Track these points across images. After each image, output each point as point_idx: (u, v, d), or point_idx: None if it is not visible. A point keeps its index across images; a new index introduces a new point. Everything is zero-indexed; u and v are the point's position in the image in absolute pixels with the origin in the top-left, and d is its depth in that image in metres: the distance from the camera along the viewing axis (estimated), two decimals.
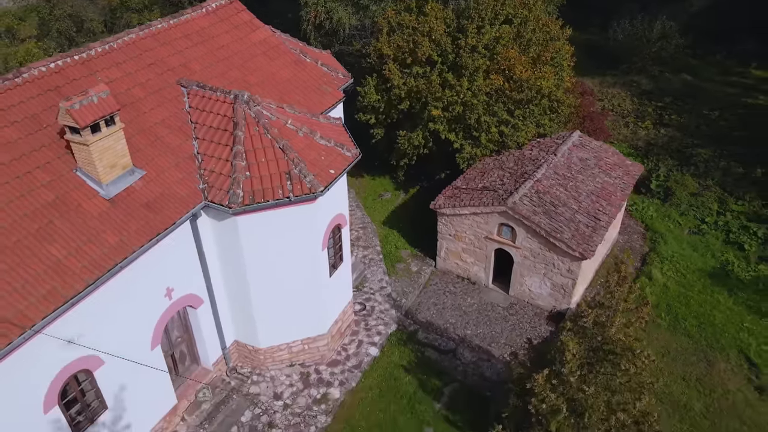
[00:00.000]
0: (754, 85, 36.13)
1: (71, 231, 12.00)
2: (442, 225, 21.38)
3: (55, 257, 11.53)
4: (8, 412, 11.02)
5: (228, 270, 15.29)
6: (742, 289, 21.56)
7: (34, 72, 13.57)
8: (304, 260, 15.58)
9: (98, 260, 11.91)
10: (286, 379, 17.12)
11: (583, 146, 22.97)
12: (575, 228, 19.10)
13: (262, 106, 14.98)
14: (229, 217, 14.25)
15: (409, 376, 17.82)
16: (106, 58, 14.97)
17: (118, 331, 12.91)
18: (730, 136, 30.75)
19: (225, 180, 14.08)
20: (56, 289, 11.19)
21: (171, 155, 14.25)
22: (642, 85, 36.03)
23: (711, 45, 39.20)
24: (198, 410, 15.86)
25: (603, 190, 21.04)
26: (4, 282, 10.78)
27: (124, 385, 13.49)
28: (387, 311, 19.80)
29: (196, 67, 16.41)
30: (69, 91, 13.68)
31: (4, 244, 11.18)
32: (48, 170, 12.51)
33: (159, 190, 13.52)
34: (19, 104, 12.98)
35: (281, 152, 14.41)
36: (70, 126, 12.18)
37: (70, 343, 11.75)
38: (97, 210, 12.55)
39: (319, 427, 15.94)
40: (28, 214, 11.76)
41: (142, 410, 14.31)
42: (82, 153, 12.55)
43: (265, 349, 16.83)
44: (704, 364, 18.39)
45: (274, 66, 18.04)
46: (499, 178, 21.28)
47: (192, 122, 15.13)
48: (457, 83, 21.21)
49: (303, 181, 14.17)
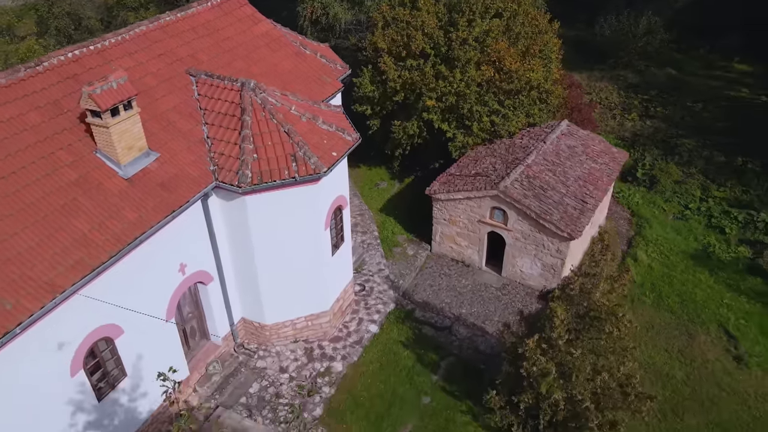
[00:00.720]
0: (736, 79, 37.39)
1: (94, 207, 12.87)
2: (437, 210, 22.35)
3: (80, 231, 12.40)
4: (40, 375, 11.87)
5: (236, 248, 16.17)
6: (723, 269, 22.67)
7: (54, 61, 14.42)
8: (307, 239, 16.49)
9: (120, 234, 12.79)
10: (291, 354, 18.02)
11: (571, 134, 24.01)
12: (563, 210, 20.11)
13: (267, 93, 15.90)
14: (238, 197, 15.14)
15: (407, 351, 18.76)
16: (120, 48, 15.84)
17: (137, 303, 13.78)
18: (713, 127, 31.95)
19: (234, 162, 14.98)
20: (83, 260, 12.06)
21: (183, 139, 15.14)
22: (628, 79, 37.19)
23: (695, 40, 40.41)
24: (209, 382, 16.75)
25: (590, 176, 22.07)
26: (36, 252, 11.64)
27: (142, 355, 14.36)
28: (385, 291, 20.75)
29: (203, 58, 17.29)
30: (87, 79, 14.54)
31: (35, 217, 12.04)
32: (70, 151, 13.37)
33: (173, 171, 14.40)
34: (42, 90, 13.83)
35: (286, 136, 15.32)
36: (92, 110, 13.04)
37: (94, 311, 12.61)
38: (116, 188, 13.42)
39: (324, 398, 16.85)
40: (53, 191, 12.62)
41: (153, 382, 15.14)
42: (102, 135, 13.42)
43: (270, 325, 17.72)
44: (686, 337, 19.45)
45: (276, 57, 18.95)
46: (491, 164, 22.26)
47: (201, 108, 16.01)
48: (450, 74, 22.19)
49: (308, 162, 15.08)
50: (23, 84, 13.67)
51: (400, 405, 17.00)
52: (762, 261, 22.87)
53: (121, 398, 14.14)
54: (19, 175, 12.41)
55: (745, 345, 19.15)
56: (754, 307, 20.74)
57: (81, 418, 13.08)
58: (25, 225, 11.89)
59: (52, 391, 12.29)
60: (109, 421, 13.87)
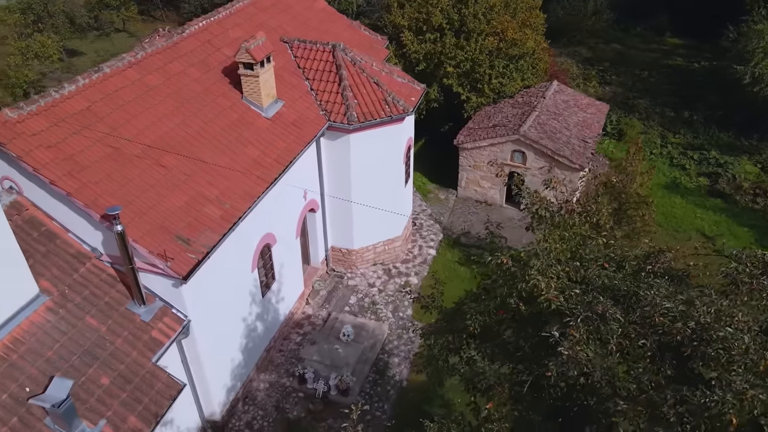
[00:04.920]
0: (670, 50, 43.75)
1: (255, 139, 16.14)
2: (462, 158, 26.45)
3: (252, 156, 15.67)
4: (235, 272, 15.03)
5: (336, 180, 19.56)
6: (690, 194, 28.03)
7: (192, 29, 17.50)
8: (390, 170, 20.18)
9: (278, 158, 16.12)
10: (374, 274, 21.62)
11: (561, 92, 28.75)
12: (572, 148, 24.69)
13: (354, 53, 19.49)
14: (343, 136, 18.64)
15: (463, 267, 22.74)
16: (230, 20, 19.02)
17: (282, 219, 17.08)
18: (660, 89, 37.77)
19: (339, 107, 18.47)
20: (263, 175, 15.34)
21: (295, 90, 18.51)
22: (583, 54, 42.70)
23: (630, 20, 46.60)
24: (317, 296, 20.10)
25: (584, 122, 26.83)
26: (231, 171, 14.84)
27: (283, 264, 17.64)
28: (432, 225, 24.67)
29: (287, 29, 20.63)
30: (218, 43, 17.72)
31: (221, 146, 15.24)
32: (226, 98, 16.56)
33: (297, 114, 17.77)
34: (191, 52, 16.92)
35: (376, 86, 18.97)
36: (245, 62, 16.28)
37: (263, 220, 15.88)
38: (264, 126, 16.71)
39: (410, 302, 20.57)
40: (226, 127, 15.82)
41: (290, 288, 18.48)
42: (250, 84, 16.66)
43: (357, 250, 21.24)
44: (673, 240, 24.46)
45: (336, 28, 22.51)
46: (504, 118, 26.59)
47: (300, 67, 19.39)
48: (466, 44, 26.35)
49: (397, 105, 18.79)
50: (177, 47, 16.72)
51: None
52: (719, 186, 28.38)
53: (272, 298, 17.39)
54: (201, 114, 15.55)
55: (719, 243, 24.33)
56: (721, 218, 26.10)
57: (253, 308, 16.28)
58: (216, 151, 15.07)
59: (240, 282, 15.47)
60: (266, 315, 17.09)
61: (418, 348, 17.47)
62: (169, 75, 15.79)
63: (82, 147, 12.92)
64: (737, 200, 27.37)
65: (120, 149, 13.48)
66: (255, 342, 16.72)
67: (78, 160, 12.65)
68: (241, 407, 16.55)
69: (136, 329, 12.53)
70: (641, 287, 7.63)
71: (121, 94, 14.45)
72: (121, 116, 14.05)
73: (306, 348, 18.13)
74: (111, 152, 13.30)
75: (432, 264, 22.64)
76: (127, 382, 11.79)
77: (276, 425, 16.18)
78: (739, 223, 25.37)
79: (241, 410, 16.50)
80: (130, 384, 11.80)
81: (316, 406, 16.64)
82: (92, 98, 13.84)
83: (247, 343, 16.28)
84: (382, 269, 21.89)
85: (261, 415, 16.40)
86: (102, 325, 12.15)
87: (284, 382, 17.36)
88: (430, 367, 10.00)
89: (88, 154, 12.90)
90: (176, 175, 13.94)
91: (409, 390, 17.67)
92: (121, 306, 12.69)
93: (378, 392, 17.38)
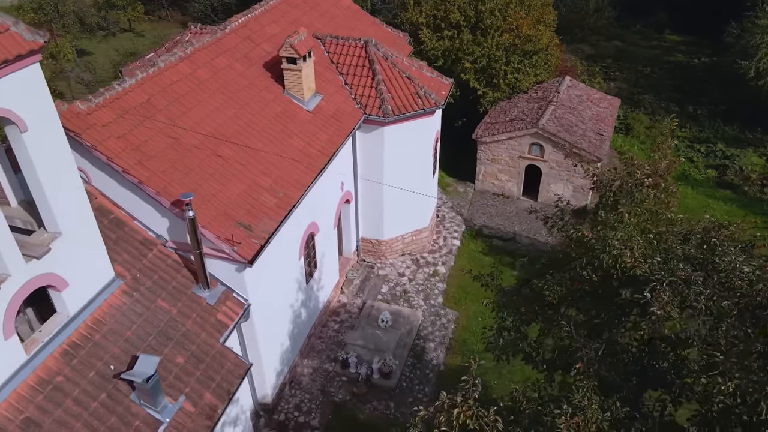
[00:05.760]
0: (670, 47, 44.74)
1: (299, 131, 16.68)
2: (481, 152, 27.11)
3: (298, 146, 16.21)
4: (285, 259, 15.56)
5: (369, 172, 20.12)
6: (700, 185, 28.89)
7: (232, 25, 18.00)
8: (420, 162, 20.78)
9: (322, 148, 16.67)
10: (403, 264, 22.21)
11: (574, 87, 29.50)
12: (588, 140, 25.43)
13: (385, 48, 20.08)
14: (377, 129, 19.21)
15: (487, 256, 23.40)
16: (266, 17, 19.55)
17: (323, 209, 17.63)
18: (663, 84, 38.70)
19: (374, 101, 19.04)
20: (308, 167, 15.88)
21: (331, 85, 19.06)
22: (585, 51, 43.55)
23: (630, 17, 47.55)
24: (351, 285, 20.66)
25: (598, 116, 27.59)
26: (281, 160, 15.37)
27: (324, 253, 18.19)
28: (454, 217, 25.30)
29: (318, 25, 21.17)
30: (258, 39, 18.24)
31: (270, 137, 15.77)
32: (270, 91, 17.08)
33: (335, 107, 18.33)
34: (234, 47, 17.43)
35: (408, 80, 19.57)
36: (288, 57, 16.81)
37: (309, 210, 16.41)
38: (306, 118, 17.25)
39: (440, 290, 21.18)
40: (271, 119, 16.35)
41: (328, 277, 19.03)
42: (292, 78, 17.20)
43: (386, 240, 21.82)
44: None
45: (362, 25, 23.08)
46: (520, 112, 27.29)
47: (333, 62, 19.95)
48: (483, 40, 27.01)
49: (429, 98, 19.40)
50: (220, 42, 17.23)
51: None
52: (727, 177, 29.27)
53: (314, 286, 17.93)
54: (248, 107, 16.07)
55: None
56: (732, 207, 26.95)
57: (298, 295, 16.82)
58: (265, 142, 15.60)
59: (289, 269, 16.01)
60: (308, 303, 17.62)
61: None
62: (216, 69, 16.29)
63: (146, 137, 13.41)
64: (746, 191, 28.28)
65: (179, 140, 13.98)
66: (299, 328, 17.25)
67: (144, 150, 13.14)
68: (288, 391, 17.08)
69: (203, 312, 13.04)
70: (716, 255, 8.29)
71: (176, 88, 14.94)
72: (177, 108, 14.54)
73: (349, 333, 18.69)
74: (172, 143, 13.80)
75: (457, 254, 23.27)
76: (199, 362, 12.30)
77: (323, 408, 16.72)
78: (752, 212, 26.20)
79: (288, 394, 17.03)
80: (202, 363, 12.32)
81: (360, 389, 17.20)
82: (150, 91, 14.32)
83: (293, 329, 16.81)
84: (410, 259, 22.48)
85: (308, 399, 16.94)
86: (173, 308, 12.65)
87: (327, 367, 17.90)
88: (501, 338, 10.54)
89: (152, 145, 13.39)
90: (233, 164, 14.46)
91: (447, 374, 18.27)
92: (188, 290, 13.19)
93: (417, 375, 17.97)
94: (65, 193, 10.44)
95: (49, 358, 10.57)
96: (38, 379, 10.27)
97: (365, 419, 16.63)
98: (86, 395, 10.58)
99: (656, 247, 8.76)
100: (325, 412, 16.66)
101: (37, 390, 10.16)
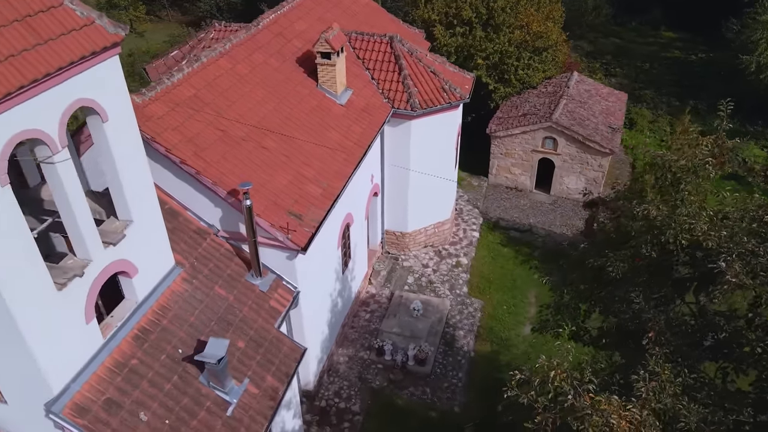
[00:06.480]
0: (667, 43, 45.64)
1: (335, 124, 17.08)
2: (494, 146, 27.64)
3: (336, 139, 16.61)
4: (327, 248, 15.94)
5: (395, 165, 20.55)
6: None
7: (264, 21, 18.37)
8: (443, 155, 21.25)
9: (358, 141, 17.09)
10: (426, 256, 22.67)
11: (582, 82, 30.14)
12: (601, 134, 26.05)
13: (409, 44, 20.52)
14: (404, 122, 19.65)
15: (506, 248, 23.93)
16: (293, 14, 19.93)
17: (357, 201, 18.04)
18: (663, 80, 39.51)
19: (401, 95, 19.47)
20: (347, 159, 16.29)
21: (359, 80, 19.47)
22: (585, 48, 44.23)
23: (626, 15, 48.42)
24: (378, 276, 21.08)
25: (608, 110, 28.24)
26: (320, 151, 15.77)
27: (356, 244, 18.60)
28: (471, 210, 25.82)
29: (342, 22, 21.54)
30: (288, 35, 18.61)
31: (308, 129, 16.17)
32: (304, 86, 17.47)
33: (365, 102, 18.74)
34: (267, 43, 17.79)
35: (433, 75, 20.03)
36: (323, 52, 17.20)
37: (347, 201, 16.81)
38: (340, 112, 17.65)
39: (464, 280, 21.67)
40: (308, 112, 16.74)
41: (359, 268, 19.44)
42: (326, 73, 17.59)
43: (410, 233, 22.25)
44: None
45: (382, 21, 23.53)
46: (532, 107, 27.85)
47: (359, 58, 20.36)
48: (495, 37, 27.56)
49: (454, 92, 19.87)
50: (255, 38, 17.59)
51: (520, 280, 22.15)
52: (731, 169, 30.05)
53: (348, 276, 18.34)
54: (287, 101, 16.46)
55: None
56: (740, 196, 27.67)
57: (336, 285, 17.23)
58: (305, 134, 15.99)
59: (329, 258, 16.41)
60: (343, 292, 18.02)
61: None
62: (254, 65, 16.65)
63: (197, 130, 13.75)
64: (750, 182, 29.06)
65: (227, 132, 14.33)
66: (336, 317, 17.65)
67: (197, 142, 13.48)
68: (326, 379, 17.47)
69: (257, 299, 13.40)
70: None
71: (220, 82, 15.28)
72: (223, 102, 14.88)
73: (385, 321, 19.12)
74: (221, 135, 14.15)
75: (477, 245, 23.77)
76: (258, 346, 12.66)
77: (362, 394, 17.13)
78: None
79: (327, 381, 17.42)
80: (261, 347, 12.68)
81: (396, 376, 17.63)
82: (197, 86, 14.66)
83: (331, 318, 17.21)
84: (432, 251, 22.95)
85: (347, 386, 17.34)
86: (229, 295, 13.00)
87: (362, 355, 18.31)
88: (562, 313, 11.02)
89: (204, 137, 13.74)
90: (278, 156, 14.83)
91: (479, 360, 18.75)
92: (241, 278, 13.55)
93: (450, 362, 18.43)
94: (137, 182, 10.77)
95: (123, 342, 10.89)
96: (115, 362, 10.59)
97: (403, 404, 17.06)
98: (160, 377, 10.92)
99: (718, 222, 9.29)
100: (364, 398, 17.06)
101: (115, 372, 10.48)
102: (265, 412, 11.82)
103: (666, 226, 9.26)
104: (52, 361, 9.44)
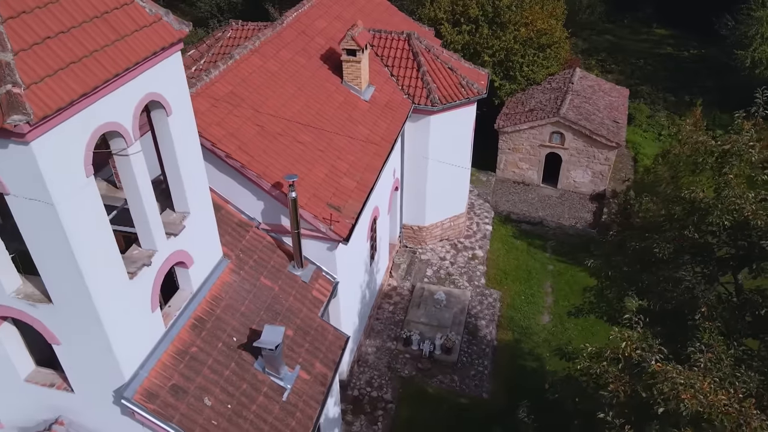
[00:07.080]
0: (659, 40, 46.54)
1: (362, 119, 17.45)
2: (502, 142, 28.15)
3: (364, 133, 16.98)
4: (359, 240, 16.29)
5: (414, 161, 20.96)
6: None
7: (288, 20, 18.69)
8: (460, 149, 21.69)
9: (384, 135, 17.47)
10: (442, 249, 23.11)
11: (585, 78, 30.78)
12: (607, 127, 26.67)
13: (426, 41, 20.95)
14: (424, 118, 20.06)
15: (519, 240, 24.44)
16: (313, 13, 20.25)
17: (382, 194, 18.43)
18: (658, 76, 40.34)
19: (421, 91, 19.89)
20: (376, 153, 16.67)
21: (379, 76, 19.86)
22: (580, 45, 44.91)
23: (617, 12, 49.31)
24: (399, 270, 21.48)
25: (611, 105, 28.90)
26: (352, 145, 16.14)
27: (381, 237, 18.97)
28: (483, 204, 26.31)
29: (359, 20, 21.90)
30: (311, 32, 18.95)
31: (338, 123, 16.52)
32: (331, 82, 17.82)
33: (387, 98, 19.14)
34: (293, 41, 18.12)
35: (450, 71, 20.48)
36: (348, 49, 17.56)
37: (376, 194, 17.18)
38: (365, 107, 18.03)
39: (481, 272, 22.13)
40: (336, 107, 17.10)
41: (383, 261, 19.82)
42: (351, 69, 17.95)
43: (427, 226, 22.67)
44: None
45: (396, 20, 23.93)
46: (538, 102, 28.42)
47: (378, 55, 20.74)
48: (502, 34, 28.09)
49: (471, 88, 20.33)
50: (281, 36, 17.91)
51: (535, 271, 22.66)
52: None
53: (374, 268, 18.71)
54: (316, 97, 16.80)
55: None
56: None
57: (365, 277, 17.59)
58: (335, 129, 16.33)
59: (360, 250, 16.78)
60: (370, 284, 18.40)
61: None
62: (283, 62, 16.98)
63: (238, 125, 14.06)
64: None
65: (264, 127, 14.65)
66: (365, 308, 18.03)
67: (239, 137, 13.79)
68: (357, 369, 17.83)
69: (300, 289, 13.74)
70: None
71: (253, 79, 15.59)
72: (258, 98, 15.20)
73: (412, 311, 19.53)
74: (259, 130, 14.46)
75: (492, 238, 24.26)
76: (306, 334, 13.01)
77: (393, 383, 17.51)
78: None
79: (357, 371, 17.78)
80: (308, 335, 13.03)
81: (425, 365, 18.04)
82: (233, 82, 14.96)
83: (361, 309, 17.58)
84: (449, 244, 23.39)
85: (377, 375, 17.72)
86: (275, 285, 13.33)
87: (389, 346, 18.70)
88: (610, 289, 11.43)
89: (244, 132, 14.05)
90: (313, 150, 15.18)
91: (502, 348, 19.22)
92: (284, 269, 13.87)
93: (475, 351, 18.88)
94: (194, 174, 11.06)
95: (182, 331, 11.18)
96: (176, 350, 10.89)
97: (434, 392, 17.48)
98: (219, 364, 11.24)
99: (765, 203, 9.84)
100: (395, 386, 17.45)
101: (177, 359, 10.78)
102: (317, 396, 12.18)
103: (713, 207, 9.77)
104: (124, 349, 9.73)
